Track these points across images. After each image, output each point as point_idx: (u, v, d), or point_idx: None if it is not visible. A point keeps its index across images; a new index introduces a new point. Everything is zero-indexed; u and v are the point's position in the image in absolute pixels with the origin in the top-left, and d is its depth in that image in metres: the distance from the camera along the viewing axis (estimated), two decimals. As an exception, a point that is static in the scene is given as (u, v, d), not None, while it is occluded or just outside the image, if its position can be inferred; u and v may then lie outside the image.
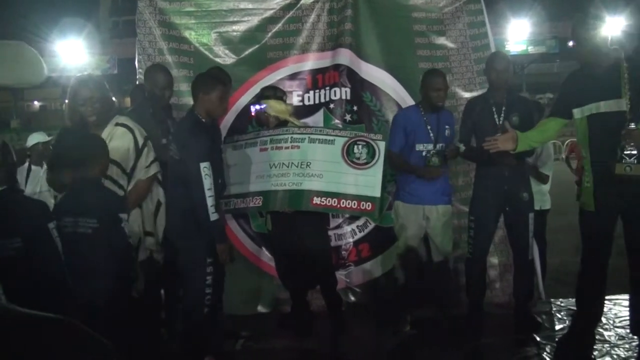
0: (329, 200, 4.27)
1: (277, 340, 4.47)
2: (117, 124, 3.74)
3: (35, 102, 38.99)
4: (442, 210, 4.42)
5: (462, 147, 4.33)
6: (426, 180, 4.32)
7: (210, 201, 3.66)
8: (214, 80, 3.97)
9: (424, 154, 4.36)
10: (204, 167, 3.66)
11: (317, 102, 5.10)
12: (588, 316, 3.86)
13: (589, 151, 3.72)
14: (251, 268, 5.02)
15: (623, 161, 3.43)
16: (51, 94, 33.76)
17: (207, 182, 3.66)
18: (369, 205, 4.28)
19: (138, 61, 5.05)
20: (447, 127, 4.43)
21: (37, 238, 2.81)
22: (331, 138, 4.44)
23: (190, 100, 4.73)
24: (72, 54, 23.27)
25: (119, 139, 3.66)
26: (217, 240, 3.76)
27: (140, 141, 3.73)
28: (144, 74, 4.57)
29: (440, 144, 4.38)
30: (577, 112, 3.74)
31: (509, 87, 4.48)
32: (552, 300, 4.98)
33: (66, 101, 4.12)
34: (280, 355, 4.31)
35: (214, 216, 3.68)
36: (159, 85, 4.26)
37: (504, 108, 4.33)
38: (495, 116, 4.32)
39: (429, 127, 4.38)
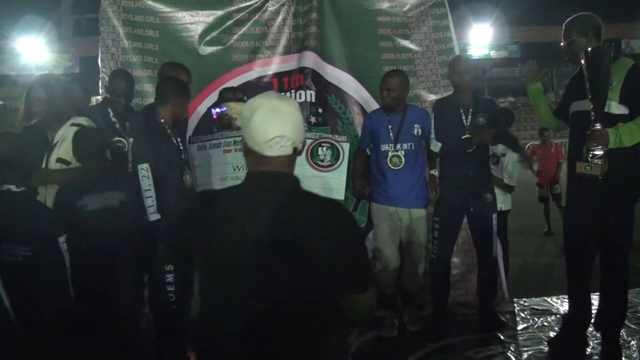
0: None
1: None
2: (72, 125, 3.68)
3: (-3, 101, 38.04)
4: (415, 214, 4.43)
5: (439, 145, 4.40)
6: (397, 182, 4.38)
7: (149, 202, 3.64)
8: (187, 88, 3.97)
9: (389, 154, 4.41)
10: (142, 169, 3.65)
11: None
12: (577, 316, 3.91)
13: (569, 149, 3.82)
14: None
15: (587, 160, 3.46)
16: (11, 93, 32.96)
17: (145, 184, 3.65)
18: None
19: (101, 60, 4.97)
20: (416, 125, 4.45)
21: (46, 249, 2.87)
22: None
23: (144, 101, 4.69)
24: (33, 51, 22.78)
25: (69, 139, 3.61)
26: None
27: None
28: (108, 77, 4.51)
29: (408, 143, 4.41)
30: (569, 109, 3.84)
31: (473, 90, 4.55)
32: (515, 299, 5.06)
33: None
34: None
35: (153, 217, 3.66)
36: (117, 92, 4.23)
37: (470, 110, 4.41)
38: (463, 117, 4.40)
39: (389, 127, 4.43)
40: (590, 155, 3.46)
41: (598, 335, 3.95)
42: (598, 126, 3.44)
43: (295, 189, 1.93)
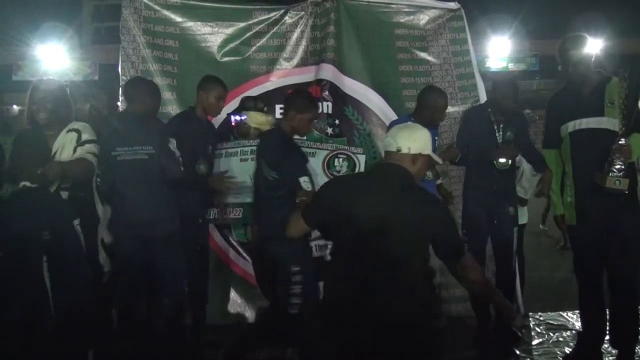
0: None
1: (260, 351, 4.44)
2: (69, 130, 3.73)
3: (14, 107, 38.49)
4: None
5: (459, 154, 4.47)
6: None
7: None
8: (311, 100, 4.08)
9: None
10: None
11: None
12: (591, 333, 3.90)
13: (572, 166, 3.82)
14: (234, 277, 5.03)
15: (612, 175, 3.51)
16: (31, 99, 33.39)
17: None
18: None
19: (122, 68, 5.04)
20: (436, 138, 4.53)
21: (64, 232, 3.25)
22: (312, 151, 4.46)
23: (172, 109, 4.77)
24: (54, 58, 23.05)
25: (69, 145, 3.67)
26: None
27: (84, 138, 3.72)
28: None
29: None
30: (562, 130, 3.85)
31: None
32: (530, 314, 5.03)
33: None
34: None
35: None
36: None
37: (501, 125, 4.46)
38: (497, 132, 4.47)
39: None
40: (615, 170, 3.49)
41: (614, 352, 3.92)
42: (623, 141, 3.50)
43: (409, 179, 2.70)
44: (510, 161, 4.41)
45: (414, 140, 2.75)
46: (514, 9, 24.80)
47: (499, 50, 26.15)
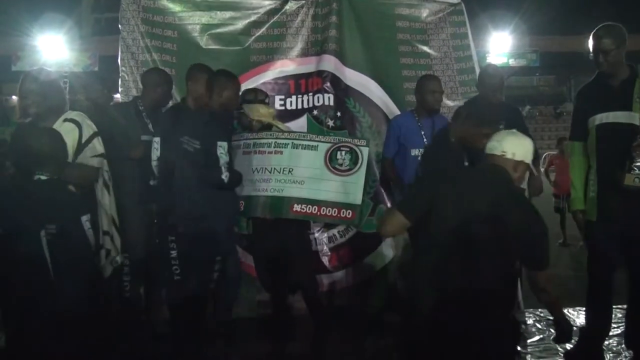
0: (309, 208, 4.24)
1: (258, 345, 4.43)
2: (65, 120, 3.67)
3: (14, 97, 38.40)
4: None
5: None
6: None
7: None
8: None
9: (419, 158, 4.38)
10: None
11: (299, 107, 5.11)
12: (596, 330, 3.87)
13: (596, 161, 3.74)
14: None
15: (632, 172, 3.44)
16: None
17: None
18: (349, 213, 4.24)
19: (121, 59, 5.01)
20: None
21: (70, 227, 3.18)
22: (314, 144, 4.39)
23: (172, 101, 4.73)
24: (53, 49, 22.96)
25: (64, 135, 3.59)
26: None
27: (86, 137, 3.65)
28: (142, 75, 4.60)
29: None
30: (589, 122, 3.76)
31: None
32: (531, 310, 5.00)
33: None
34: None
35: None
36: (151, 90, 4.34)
37: None
38: None
39: (422, 132, 4.44)
40: (635, 167, 3.44)
41: (614, 348, 3.89)
42: None
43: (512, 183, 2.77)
44: None
45: (520, 147, 2.80)
46: (515, 5, 24.72)
47: (500, 45, 26.09)
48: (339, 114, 5.08)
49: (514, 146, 2.78)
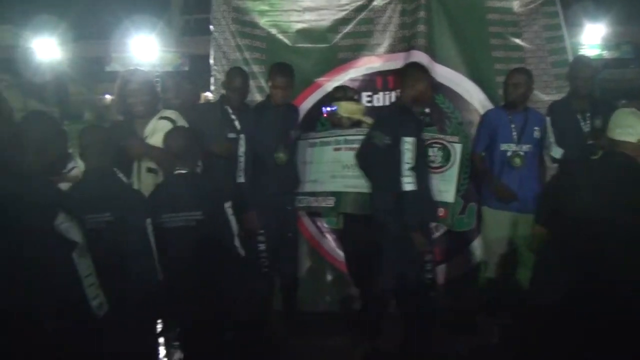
0: None
1: (344, 339, 4.44)
2: (161, 118, 3.82)
3: (107, 96, 40.19)
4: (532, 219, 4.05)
5: (559, 151, 4.28)
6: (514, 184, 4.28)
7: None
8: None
9: (508, 154, 4.29)
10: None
11: (387, 104, 5.07)
12: None
13: None
14: (325, 264, 5.07)
15: None
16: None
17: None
18: (441, 211, 4.20)
19: (214, 58, 5.16)
20: (536, 128, 4.36)
21: (215, 213, 3.40)
22: None
23: (263, 97, 4.79)
24: (144, 50, 23.86)
25: (161, 132, 3.74)
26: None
27: None
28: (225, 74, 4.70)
29: (528, 145, 4.32)
30: None
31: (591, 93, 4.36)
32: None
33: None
34: (348, 354, 4.30)
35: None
36: (232, 88, 4.44)
37: (588, 114, 4.23)
38: (582, 123, 4.27)
39: (512, 126, 4.34)
40: None
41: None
42: None
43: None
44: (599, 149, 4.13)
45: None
46: (609, -6, 23.59)
47: (593, 37, 24.99)
48: (427, 110, 5.00)
49: None
